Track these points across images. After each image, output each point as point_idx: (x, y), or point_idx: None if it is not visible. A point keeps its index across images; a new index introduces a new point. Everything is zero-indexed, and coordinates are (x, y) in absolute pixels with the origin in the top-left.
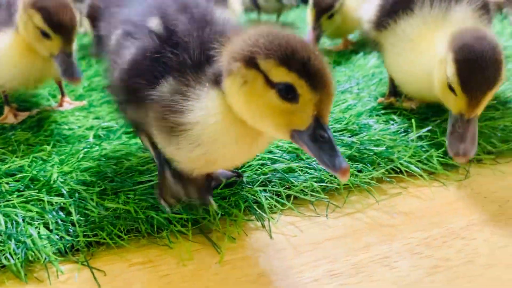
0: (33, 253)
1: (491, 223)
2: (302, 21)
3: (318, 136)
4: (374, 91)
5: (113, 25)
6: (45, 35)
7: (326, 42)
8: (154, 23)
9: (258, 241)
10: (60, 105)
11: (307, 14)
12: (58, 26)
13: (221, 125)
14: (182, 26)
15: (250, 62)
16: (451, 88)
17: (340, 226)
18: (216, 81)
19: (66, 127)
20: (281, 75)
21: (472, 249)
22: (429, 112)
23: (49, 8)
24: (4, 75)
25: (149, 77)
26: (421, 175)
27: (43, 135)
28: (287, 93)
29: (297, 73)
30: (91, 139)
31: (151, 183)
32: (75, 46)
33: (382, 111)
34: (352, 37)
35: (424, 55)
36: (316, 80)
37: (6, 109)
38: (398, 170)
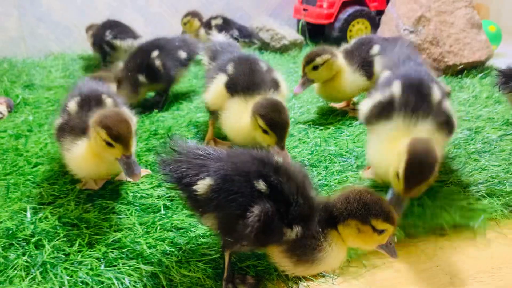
0: None
1: None
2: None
3: (389, 243)
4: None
5: (193, 171)
6: (109, 144)
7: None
8: (263, 187)
9: None
10: None
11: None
12: (118, 138)
13: (338, 254)
14: (285, 185)
15: (365, 221)
16: (397, 175)
17: None
18: (328, 225)
19: (138, 195)
20: (383, 226)
21: None
22: None
23: (111, 125)
24: (81, 171)
25: (276, 229)
26: None
27: (123, 202)
28: (383, 231)
29: (391, 224)
30: (162, 211)
31: (211, 256)
32: (133, 149)
33: None
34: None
35: (391, 152)
36: (394, 222)
37: None
38: None
